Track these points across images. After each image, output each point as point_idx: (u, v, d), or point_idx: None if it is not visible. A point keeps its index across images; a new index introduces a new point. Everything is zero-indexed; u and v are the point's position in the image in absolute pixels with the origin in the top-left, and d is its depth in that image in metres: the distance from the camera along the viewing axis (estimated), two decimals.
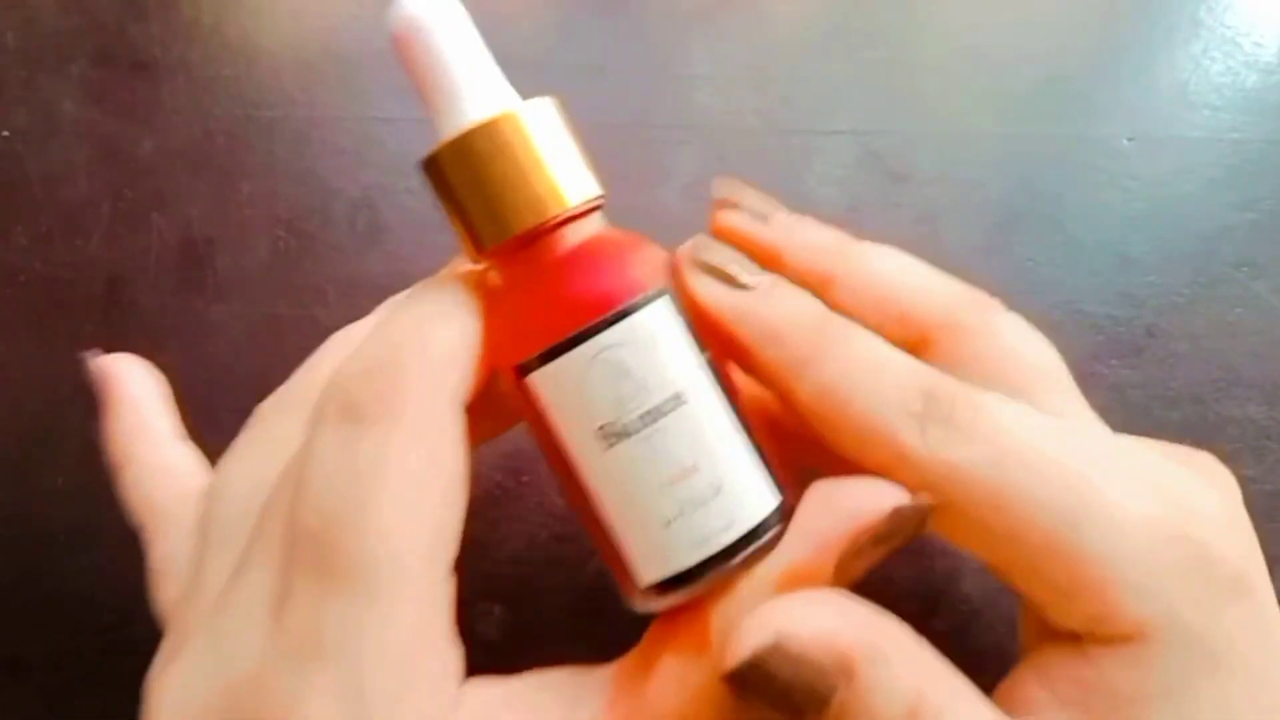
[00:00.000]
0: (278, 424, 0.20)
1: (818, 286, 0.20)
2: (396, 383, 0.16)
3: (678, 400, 0.16)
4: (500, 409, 0.19)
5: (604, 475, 0.17)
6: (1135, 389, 0.29)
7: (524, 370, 0.17)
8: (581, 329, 0.16)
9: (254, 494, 0.18)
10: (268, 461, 0.19)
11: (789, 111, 0.32)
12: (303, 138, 0.31)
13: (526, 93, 0.31)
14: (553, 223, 0.17)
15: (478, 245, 0.17)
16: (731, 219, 0.21)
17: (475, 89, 0.17)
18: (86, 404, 0.28)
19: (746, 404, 0.18)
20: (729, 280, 0.18)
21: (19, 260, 0.30)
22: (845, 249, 0.21)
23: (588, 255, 0.17)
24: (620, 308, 0.16)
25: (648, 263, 0.18)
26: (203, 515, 0.19)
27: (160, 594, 0.20)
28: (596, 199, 0.18)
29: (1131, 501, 0.17)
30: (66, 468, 0.28)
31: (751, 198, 0.21)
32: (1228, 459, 0.29)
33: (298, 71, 0.32)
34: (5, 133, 0.31)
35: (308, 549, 0.16)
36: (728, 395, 0.17)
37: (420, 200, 0.31)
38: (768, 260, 0.20)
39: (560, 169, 0.17)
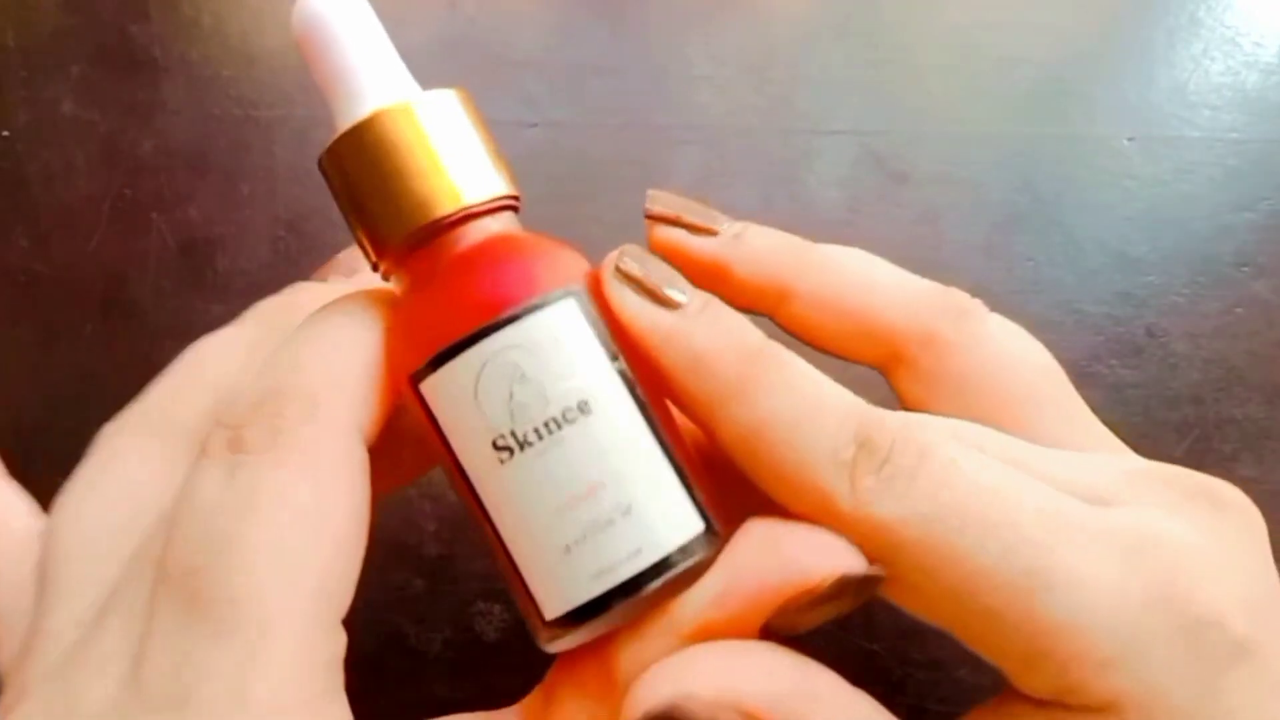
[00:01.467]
0: (128, 451, 0.18)
1: (774, 301, 0.19)
2: (285, 411, 0.15)
3: (582, 410, 0.15)
4: (418, 444, 0.16)
5: (499, 493, 0.15)
6: (1135, 389, 0.29)
7: (416, 379, 0.15)
8: (473, 330, 0.15)
9: (103, 533, 0.17)
10: (118, 495, 0.17)
11: (789, 111, 0.32)
12: (303, 138, 0.31)
13: (526, 92, 0.31)
14: (449, 220, 0.16)
15: (376, 248, 0.16)
16: (669, 234, 0.19)
17: (373, 83, 0.16)
18: (86, 404, 0.28)
19: (672, 420, 0.16)
20: (654, 296, 0.16)
21: (19, 260, 0.30)
22: (802, 256, 0.19)
23: (487, 254, 0.16)
24: (517, 308, 0.15)
25: (556, 265, 0.16)
26: (43, 560, 0.17)
27: None
28: (503, 198, 0.17)
29: (1101, 564, 0.14)
30: (66, 468, 0.28)
31: (692, 209, 0.19)
32: (1228, 459, 0.29)
33: (298, 71, 0.32)
34: (5, 133, 0.31)
35: (173, 590, 0.14)
36: (646, 407, 0.15)
37: None
38: (714, 277, 0.18)
39: (460, 164, 0.16)
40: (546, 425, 0.15)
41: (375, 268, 0.17)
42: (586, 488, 0.14)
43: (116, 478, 0.17)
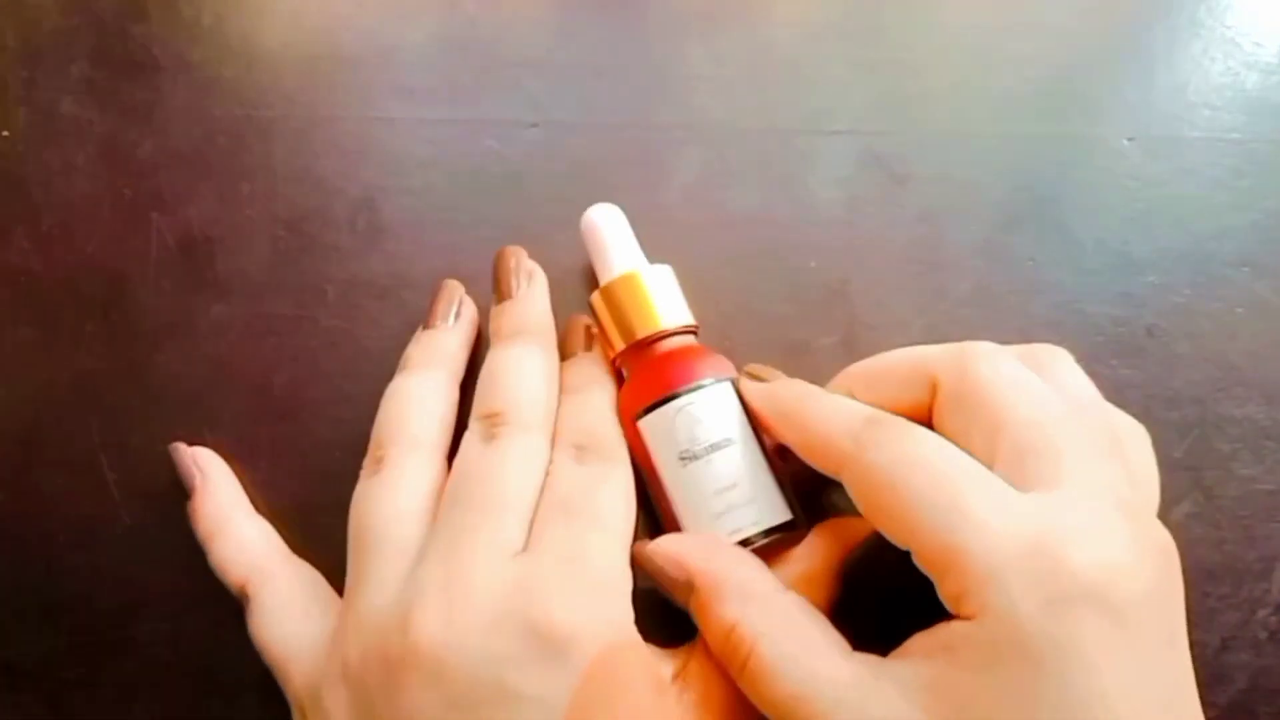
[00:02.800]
0: (410, 463, 0.25)
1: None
2: (611, 434, 0.26)
3: (728, 442, 0.25)
4: None
5: (679, 485, 0.25)
6: (1135, 389, 0.29)
7: (637, 418, 0.26)
8: (672, 392, 0.25)
9: (392, 520, 0.24)
10: (405, 495, 0.25)
11: (789, 111, 0.32)
12: (303, 138, 0.31)
13: (526, 92, 0.32)
14: (656, 335, 0.26)
15: (615, 344, 0.27)
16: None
17: (621, 257, 0.27)
18: (86, 404, 0.28)
19: (778, 456, 0.26)
20: (759, 379, 0.26)
21: (19, 260, 0.30)
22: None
23: (679, 354, 0.27)
24: (696, 383, 0.26)
25: (719, 363, 0.27)
26: (354, 538, 0.25)
27: (279, 628, 0.25)
28: (688, 326, 0.27)
29: (1002, 519, 0.20)
30: (66, 468, 0.28)
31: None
32: (1228, 459, 0.29)
33: (298, 71, 0.32)
34: (5, 133, 0.31)
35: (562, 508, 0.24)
36: (762, 445, 0.26)
37: (420, 200, 0.31)
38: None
39: (665, 305, 0.27)
40: (708, 448, 0.25)
41: (613, 360, 0.27)
42: (728, 484, 0.25)
43: (400, 481, 0.25)
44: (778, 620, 0.22)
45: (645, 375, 0.26)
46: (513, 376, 0.26)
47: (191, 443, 0.28)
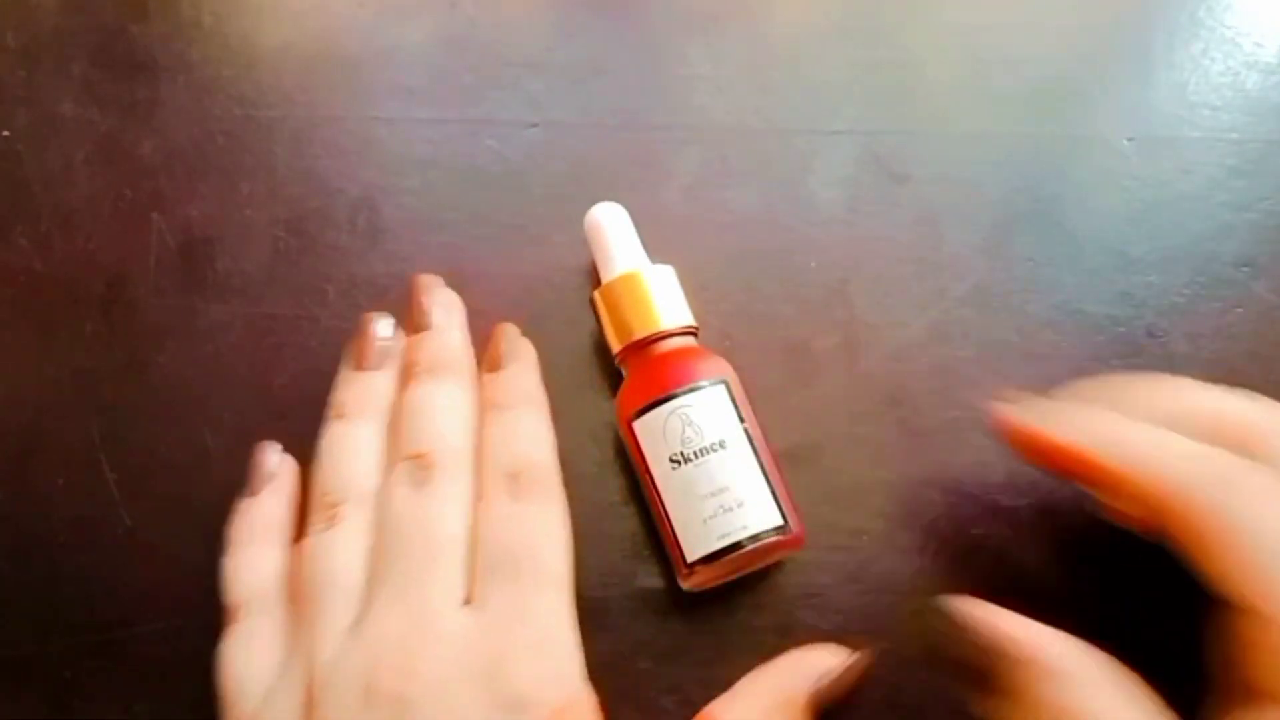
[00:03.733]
0: (361, 515, 0.25)
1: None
2: (545, 461, 0.26)
3: (721, 445, 0.25)
4: None
5: (670, 487, 0.25)
6: None
7: (631, 419, 0.26)
8: (666, 394, 0.25)
9: (342, 571, 0.24)
10: (356, 546, 0.24)
11: (789, 111, 0.32)
12: (303, 138, 0.31)
13: (526, 92, 0.32)
14: (655, 336, 0.26)
15: (618, 344, 0.27)
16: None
17: (624, 256, 0.27)
18: (86, 404, 0.28)
19: (771, 456, 0.26)
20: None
21: (19, 260, 0.30)
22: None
23: (677, 355, 0.27)
24: (691, 385, 0.25)
25: (714, 365, 0.26)
26: (310, 587, 0.24)
27: (246, 665, 0.24)
28: (687, 327, 0.27)
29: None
30: (66, 468, 0.28)
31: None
32: None
33: (298, 71, 0.32)
34: (5, 133, 0.31)
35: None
36: (757, 449, 0.25)
37: (420, 200, 0.31)
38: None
39: (666, 304, 0.27)
40: (700, 451, 0.25)
41: (614, 357, 0.27)
42: (719, 488, 0.25)
43: (350, 533, 0.24)
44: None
45: (641, 376, 0.26)
46: (437, 415, 0.25)
47: (191, 441, 0.28)
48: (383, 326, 0.27)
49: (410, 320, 0.27)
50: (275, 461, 0.27)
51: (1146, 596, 0.26)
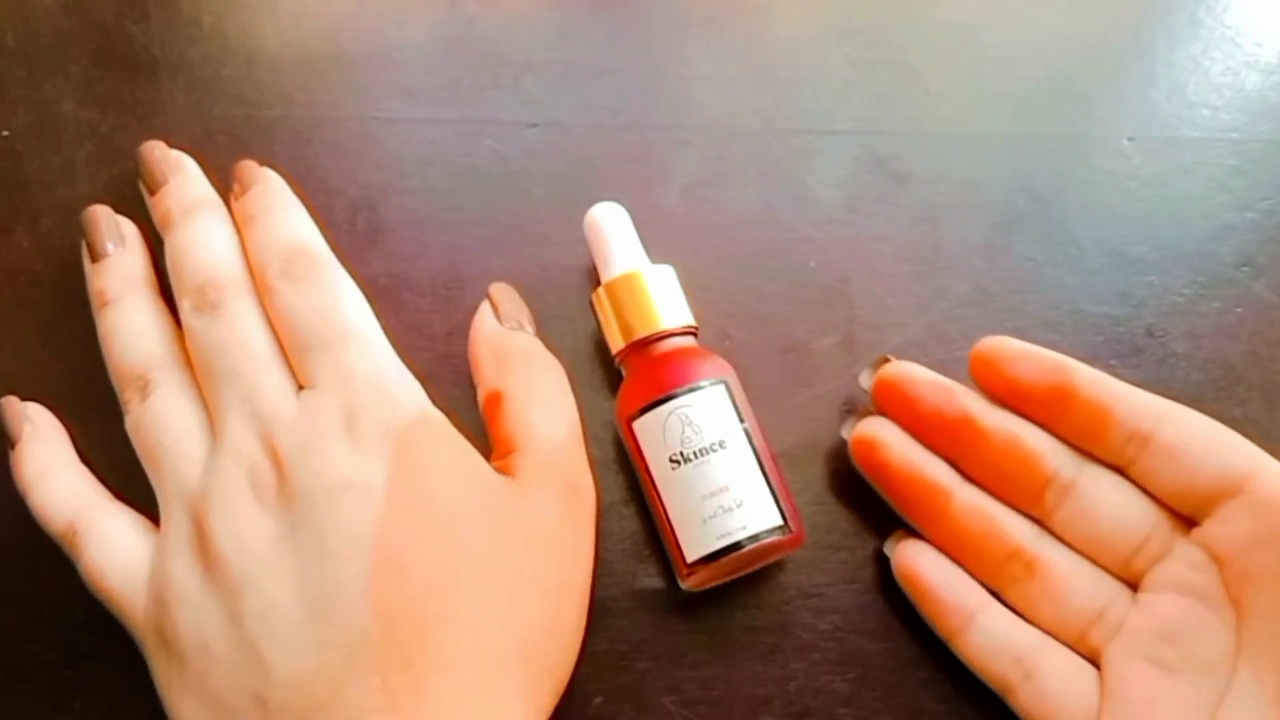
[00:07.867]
0: (175, 382, 0.26)
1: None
2: (306, 239, 0.27)
3: (721, 446, 0.25)
4: None
5: (670, 487, 0.25)
6: None
7: (631, 419, 0.26)
8: (666, 394, 0.25)
9: (182, 438, 0.25)
10: (189, 410, 0.26)
11: (789, 111, 0.32)
12: (303, 138, 0.31)
13: (526, 92, 0.32)
14: (655, 336, 0.26)
15: (615, 343, 0.27)
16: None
17: (624, 257, 0.27)
18: (86, 404, 0.28)
19: (771, 457, 0.26)
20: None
21: (19, 260, 0.30)
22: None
23: (676, 355, 0.26)
24: (691, 385, 0.25)
25: (715, 365, 0.26)
26: (148, 460, 0.25)
27: (113, 560, 0.25)
28: (687, 327, 0.27)
29: None
30: None
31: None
32: None
33: (298, 71, 0.32)
34: (5, 133, 0.31)
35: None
36: (756, 449, 0.25)
37: (420, 200, 0.31)
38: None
39: (666, 304, 0.27)
40: (700, 451, 0.25)
41: (614, 357, 0.27)
42: (719, 488, 0.25)
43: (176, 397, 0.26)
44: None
45: (641, 376, 0.26)
46: (204, 245, 0.26)
47: None
48: (100, 214, 0.28)
49: (149, 183, 0.28)
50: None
51: None
